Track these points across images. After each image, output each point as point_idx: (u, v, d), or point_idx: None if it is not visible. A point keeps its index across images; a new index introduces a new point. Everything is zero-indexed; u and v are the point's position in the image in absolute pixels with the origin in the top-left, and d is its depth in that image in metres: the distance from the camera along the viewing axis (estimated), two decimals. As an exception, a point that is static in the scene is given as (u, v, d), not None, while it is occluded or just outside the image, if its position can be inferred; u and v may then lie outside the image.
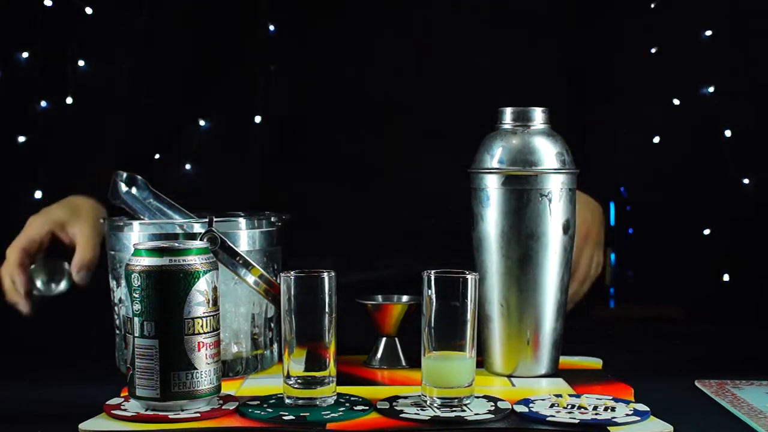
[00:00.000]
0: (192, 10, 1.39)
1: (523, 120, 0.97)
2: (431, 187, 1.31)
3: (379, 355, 1.02)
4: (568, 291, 1.00)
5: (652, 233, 2.36)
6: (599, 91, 1.38)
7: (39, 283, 1.15)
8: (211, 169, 1.54)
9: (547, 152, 0.96)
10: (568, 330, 0.99)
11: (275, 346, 1.02)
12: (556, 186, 0.96)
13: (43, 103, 2.15)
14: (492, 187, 0.96)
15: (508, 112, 0.98)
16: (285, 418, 0.80)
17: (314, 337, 0.83)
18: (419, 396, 0.85)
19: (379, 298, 1.04)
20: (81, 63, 1.65)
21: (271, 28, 1.43)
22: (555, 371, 0.98)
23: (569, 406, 0.82)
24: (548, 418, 0.79)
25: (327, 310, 0.83)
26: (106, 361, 1.02)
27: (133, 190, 1.01)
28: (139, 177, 1.02)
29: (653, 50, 1.50)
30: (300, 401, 0.83)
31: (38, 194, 2.12)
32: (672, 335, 1.31)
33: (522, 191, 0.95)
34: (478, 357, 0.85)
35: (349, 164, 1.34)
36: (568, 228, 0.97)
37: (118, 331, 1.00)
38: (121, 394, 0.87)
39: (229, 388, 0.90)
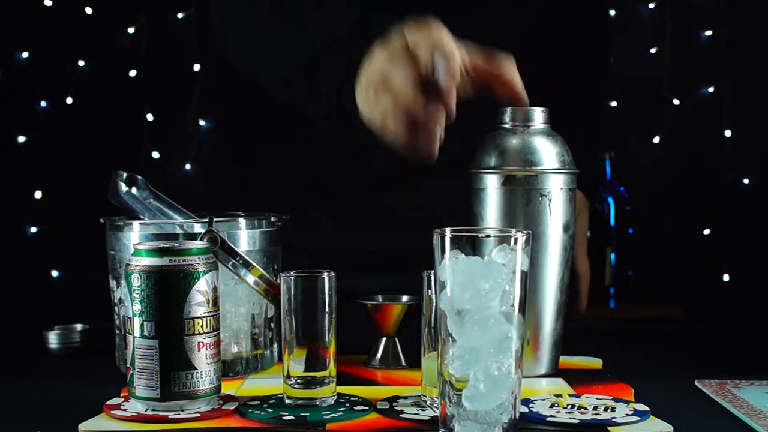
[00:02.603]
0: None
1: (523, 120, 0.97)
2: None
3: (379, 355, 1.02)
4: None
5: (652, 233, 2.36)
6: None
7: None
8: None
9: (547, 152, 0.96)
10: (568, 330, 0.99)
11: (275, 346, 1.02)
12: (556, 186, 0.96)
13: (43, 103, 2.14)
14: (492, 187, 0.96)
15: (508, 112, 0.98)
16: (285, 418, 0.80)
17: (314, 337, 0.83)
18: (419, 396, 0.85)
19: (379, 298, 1.04)
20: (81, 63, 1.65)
21: None
22: (555, 371, 0.98)
23: (569, 406, 0.82)
24: (548, 418, 0.79)
25: (327, 310, 0.83)
26: (106, 361, 1.02)
27: (133, 190, 1.01)
28: (139, 177, 1.02)
29: (653, 50, 1.50)
30: (300, 401, 0.83)
31: (38, 194, 2.12)
32: (672, 335, 1.31)
33: (522, 191, 0.95)
34: (478, 357, 0.85)
35: None
36: (568, 228, 0.97)
37: (118, 331, 1.00)
38: (121, 394, 0.87)
39: (229, 388, 0.90)
